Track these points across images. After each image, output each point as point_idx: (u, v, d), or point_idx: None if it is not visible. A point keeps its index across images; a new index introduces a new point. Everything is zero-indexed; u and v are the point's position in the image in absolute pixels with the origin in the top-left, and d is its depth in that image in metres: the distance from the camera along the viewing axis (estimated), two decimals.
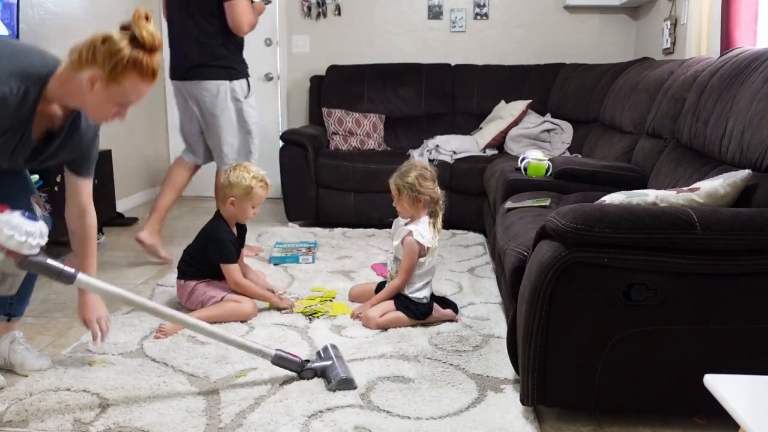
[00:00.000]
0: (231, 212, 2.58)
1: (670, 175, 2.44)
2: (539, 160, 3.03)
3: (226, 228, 2.58)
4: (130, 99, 1.74)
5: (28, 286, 2.11)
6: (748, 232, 1.55)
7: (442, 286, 2.88)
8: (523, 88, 4.51)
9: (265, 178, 2.59)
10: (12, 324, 2.13)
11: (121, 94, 1.71)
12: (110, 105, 1.73)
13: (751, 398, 1.03)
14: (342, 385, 1.93)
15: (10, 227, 1.64)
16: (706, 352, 1.65)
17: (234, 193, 2.53)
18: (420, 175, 2.45)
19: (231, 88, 3.30)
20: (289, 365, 2.00)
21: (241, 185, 2.53)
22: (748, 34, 2.76)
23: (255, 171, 2.57)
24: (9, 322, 2.12)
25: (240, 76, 3.35)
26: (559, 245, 1.61)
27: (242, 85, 3.36)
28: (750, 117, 1.97)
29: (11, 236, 1.63)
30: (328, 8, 4.88)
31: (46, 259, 1.73)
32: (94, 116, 1.82)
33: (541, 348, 1.67)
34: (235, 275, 2.54)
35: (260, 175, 2.57)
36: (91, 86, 1.68)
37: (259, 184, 2.55)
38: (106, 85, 1.67)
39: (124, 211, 4.38)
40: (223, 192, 2.57)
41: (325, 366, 2.01)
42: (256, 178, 2.55)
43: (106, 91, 1.69)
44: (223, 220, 2.59)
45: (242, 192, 2.53)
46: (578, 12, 4.76)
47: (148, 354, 2.20)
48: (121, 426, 1.75)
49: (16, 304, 2.11)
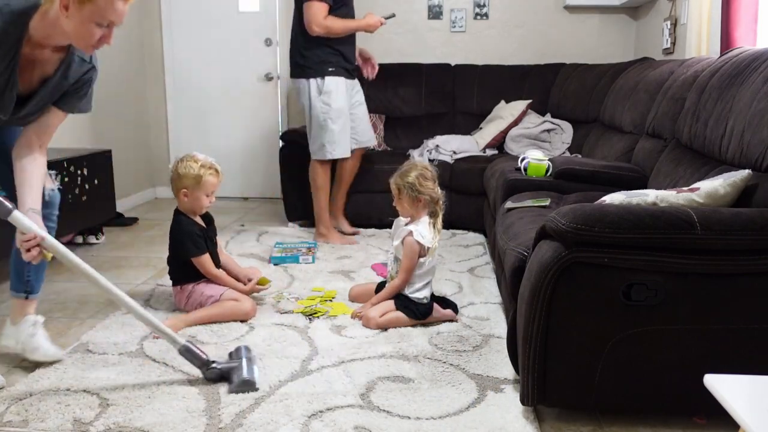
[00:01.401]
0: (186, 204, 2.55)
1: (670, 175, 2.44)
2: (539, 160, 3.03)
3: (188, 221, 2.55)
4: (107, 16, 1.72)
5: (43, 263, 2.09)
6: (748, 232, 1.55)
7: (442, 286, 2.88)
8: (523, 88, 4.51)
9: (215, 165, 2.55)
10: (30, 302, 2.17)
11: (97, 12, 1.70)
12: (90, 26, 1.71)
13: (751, 398, 1.03)
14: (242, 387, 1.91)
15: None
16: (706, 352, 1.65)
17: (184, 184, 2.51)
18: (420, 175, 2.45)
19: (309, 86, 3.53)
20: (194, 360, 1.98)
21: (189, 175, 2.50)
22: (748, 34, 2.76)
23: (203, 159, 2.53)
24: (27, 300, 2.16)
25: (315, 75, 3.52)
26: (559, 245, 1.61)
27: (318, 83, 3.53)
28: (750, 117, 1.97)
29: None
30: None
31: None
32: (78, 43, 1.79)
33: (541, 348, 1.67)
34: (207, 266, 2.53)
35: (208, 163, 2.53)
36: (66, 10, 1.67)
37: (208, 172, 2.52)
38: (78, 5, 1.67)
39: (124, 211, 4.38)
40: (174, 185, 2.55)
41: (230, 367, 1.98)
42: (205, 167, 2.51)
43: (81, 13, 1.68)
44: (183, 214, 2.57)
45: (192, 182, 2.50)
46: (578, 12, 4.76)
47: (148, 354, 2.20)
48: (121, 426, 1.75)
49: (33, 280, 2.15)
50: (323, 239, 3.70)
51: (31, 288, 2.17)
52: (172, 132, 5.11)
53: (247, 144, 5.09)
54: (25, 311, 2.17)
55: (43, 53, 1.81)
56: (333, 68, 3.54)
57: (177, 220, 2.58)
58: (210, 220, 2.69)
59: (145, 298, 2.76)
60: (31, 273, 2.15)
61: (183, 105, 5.08)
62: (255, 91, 5.03)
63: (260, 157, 5.08)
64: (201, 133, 5.07)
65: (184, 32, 4.98)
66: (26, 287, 2.16)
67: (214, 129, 5.07)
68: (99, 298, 2.78)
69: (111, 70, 4.30)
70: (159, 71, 5.03)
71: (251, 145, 5.09)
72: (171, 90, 5.07)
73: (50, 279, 3.04)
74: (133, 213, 4.49)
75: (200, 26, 4.96)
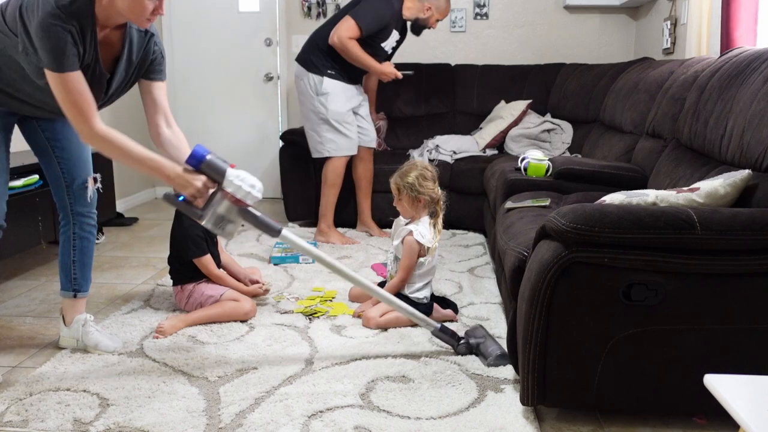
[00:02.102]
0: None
1: (670, 175, 2.44)
2: (539, 160, 3.03)
3: (189, 221, 2.56)
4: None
5: (87, 261, 2.25)
6: (748, 232, 1.55)
7: (442, 286, 2.88)
8: (523, 88, 4.51)
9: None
10: (79, 301, 2.25)
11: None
12: (142, 1, 1.80)
13: (751, 398, 1.03)
14: (500, 360, 2.09)
15: (239, 179, 1.92)
16: (706, 352, 1.65)
17: None
18: (420, 175, 2.45)
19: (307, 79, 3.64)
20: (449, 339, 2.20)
21: None
22: (748, 34, 2.76)
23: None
24: (75, 299, 2.24)
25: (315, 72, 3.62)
26: (559, 245, 1.61)
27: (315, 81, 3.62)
28: (750, 117, 1.97)
29: (239, 187, 1.91)
30: (328, 8, 4.88)
31: (258, 213, 1.99)
32: (135, 19, 1.87)
33: (541, 348, 1.67)
34: (209, 267, 2.54)
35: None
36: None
37: None
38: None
39: (124, 211, 4.38)
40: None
41: (478, 342, 2.18)
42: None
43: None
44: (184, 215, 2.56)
45: None
46: (578, 12, 4.76)
47: (148, 354, 2.20)
48: (121, 426, 1.75)
49: (80, 278, 2.23)
50: (323, 238, 3.71)
51: (78, 286, 2.24)
52: None
53: (247, 144, 5.09)
54: (76, 310, 2.25)
55: (109, 35, 1.91)
56: (333, 72, 3.60)
57: (178, 220, 2.58)
58: None
59: (145, 298, 2.76)
60: (78, 271, 2.23)
61: (183, 105, 5.07)
62: (255, 91, 5.03)
63: (260, 157, 5.08)
64: (201, 133, 5.06)
65: (184, 32, 4.98)
66: (74, 285, 2.24)
67: (214, 129, 5.07)
68: (99, 298, 2.78)
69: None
70: None
71: (251, 145, 5.09)
72: (171, 90, 5.06)
73: (51, 279, 3.04)
74: (133, 213, 4.50)
75: (200, 26, 4.96)
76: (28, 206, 2.94)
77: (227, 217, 1.95)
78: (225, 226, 1.96)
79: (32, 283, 3.01)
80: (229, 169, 1.93)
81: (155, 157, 1.93)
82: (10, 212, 2.14)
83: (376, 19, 3.55)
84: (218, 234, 2.00)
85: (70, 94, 1.80)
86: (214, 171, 1.92)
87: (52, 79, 1.79)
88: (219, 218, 1.94)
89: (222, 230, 1.97)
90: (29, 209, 2.95)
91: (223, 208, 1.94)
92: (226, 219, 1.95)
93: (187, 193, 1.93)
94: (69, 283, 2.23)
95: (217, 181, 1.93)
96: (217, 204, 1.93)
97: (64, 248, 2.23)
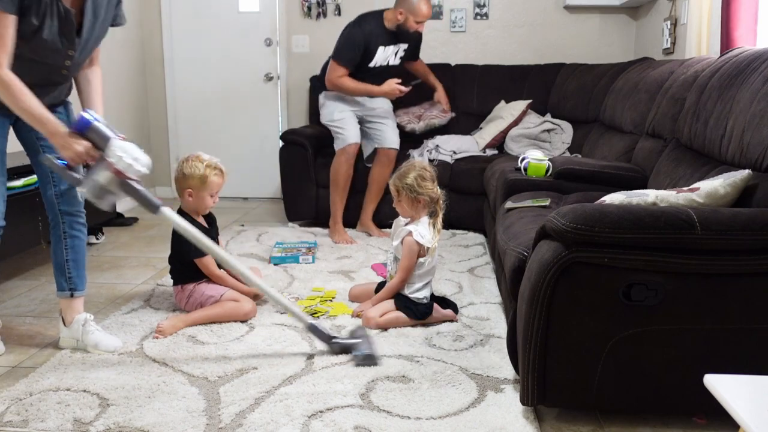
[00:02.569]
0: (190, 204, 2.56)
1: (670, 175, 2.44)
2: (539, 160, 3.03)
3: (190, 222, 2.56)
4: None
5: (81, 259, 2.27)
6: (748, 232, 1.55)
7: (442, 286, 2.88)
8: (523, 88, 4.51)
9: (219, 165, 2.57)
10: (76, 301, 2.26)
11: None
12: None
13: (751, 398, 1.03)
14: (366, 361, 2.09)
15: (122, 150, 1.91)
16: (706, 352, 1.65)
17: (190, 184, 2.51)
18: (419, 175, 2.45)
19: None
20: (321, 336, 2.19)
21: (195, 175, 2.50)
22: (748, 34, 2.76)
23: (208, 160, 2.54)
24: (73, 298, 2.25)
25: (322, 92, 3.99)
26: (559, 245, 1.61)
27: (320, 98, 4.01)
28: (750, 117, 1.97)
29: (121, 158, 1.91)
30: (328, 8, 4.88)
31: (140, 187, 1.99)
32: None
33: (541, 348, 1.67)
34: (210, 266, 2.54)
35: (213, 163, 2.54)
36: None
37: (213, 172, 2.53)
38: None
39: (124, 211, 4.38)
40: (179, 185, 2.56)
41: (352, 344, 2.18)
42: (210, 167, 2.52)
43: None
44: (186, 214, 2.56)
45: (198, 182, 2.51)
46: (578, 12, 4.76)
47: (148, 354, 2.20)
48: (121, 426, 1.75)
49: (75, 277, 2.25)
50: (329, 234, 3.81)
51: (74, 285, 2.25)
52: (172, 132, 5.11)
53: (247, 144, 5.09)
54: (74, 310, 2.25)
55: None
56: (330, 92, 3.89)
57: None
58: (212, 220, 2.69)
59: (145, 298, 2.76)
60: (72, 270, 2.24)
61: (183, 105, 5.07)
62: (255, 91, 5.03)
63: (260, 157, 5.08)
64: (201, 133, 5.07)
65: (184, 32, 4.98)
66: (70, 285, 2.25)
67: (214, 129, 5.07)
68: (99, 298, 2.78)
69: (111, 70, 4.31)
70: (159, 71, 5.03)
71: (251, 145, 5.08)
72: (171, 90, 5.07)
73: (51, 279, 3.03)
74: (133, 213, 4.49)
75: (200, 26, 4.96)
76: (28, 206, 2.93)
77: (107, 187, 1.95)
78: (104, 196, 1.97)
79: (32, 283, 3.01)
80: (114, 139, 1.93)
81: (45, 112, 1.92)
82: (10, 212, 2.15)
83: (351, 48, 3.72)
84: (96, 203, 2.00)
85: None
86: (99, 138, 1.92)
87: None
88: (98, 187, 1.94)
89: (100, 200, 1.97)
90: (29, 209, 2.95)
91: (104, 177, 1.93)
92: (105, 189, 1.95)
93: (66, 155, 1.93)
94: (65, 283, 2.24)
95: (100, 150, 1.93)
96: (97, 173, 1.93)
97: (56, 248, 2.23)
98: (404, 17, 3.68)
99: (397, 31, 3.77)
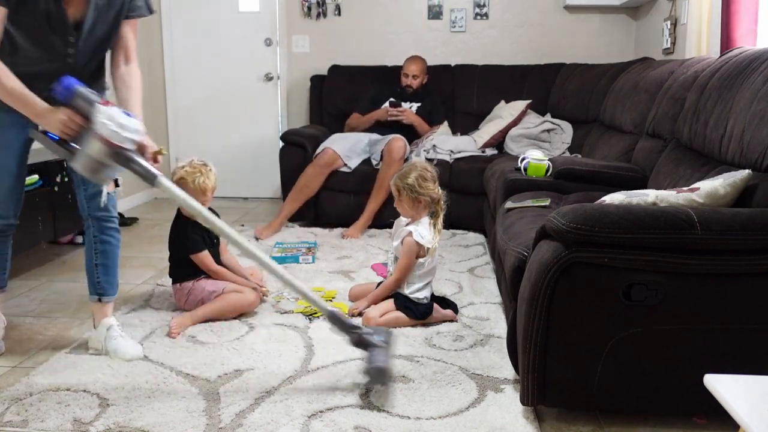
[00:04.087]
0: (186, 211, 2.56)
1: (670, 175, 2.44)
2: (539, 160, 3.03)
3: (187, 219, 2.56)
4: None
5: (111, 264, 2.23)
6: (748, 232, 1.55)
7: (442, 286, 2.88)
8: (523, 88, 4.51)
9: (207, 164, 2.58)
10: (105, 306, 2.24)
11: None
12: None
13: (751, 398, 1.03)
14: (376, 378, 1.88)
15: (107, 117, 1.75)
16: (706, 352, 1.65)
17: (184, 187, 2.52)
18: (420, 176, 2.45)
19: None
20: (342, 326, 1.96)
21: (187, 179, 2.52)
22: (748, 34, 2.76)
23: (195, 162, 2.56)
24: (101, 303, 2.23)
25: None
26: (559, 245, 1.61)
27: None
28: (750, 117, 1.97)
29: (105, 124, 1.74)
30: (328, 8, 4.88)
31: (134, 156, 1.81)
32: None
33: (541, 348, 1.67)
34: (207, 262, 2.54)
35: (198, 166, 2.55)
36: None
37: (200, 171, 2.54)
38: None
39: (124, 211, 4.38)
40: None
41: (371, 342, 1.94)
42: (196, 168, 2.54)
43: None
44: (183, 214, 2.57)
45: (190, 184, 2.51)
46: (578, 12, 4.76)
47: (148, 354, 2.20)
48: (121, 426, 1.75)
49: (104, 282, 2.23)
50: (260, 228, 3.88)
51: (103, 290, 2.24)
52: (172, 132, 5.11)
53: (247, 144, 5.09)
54: (102, 314, 2.24)
55: None
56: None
57: (177, 221, 2.58)
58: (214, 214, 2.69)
59: (145, 298, 2.76)
60: (102, 275, 2.22)
61: (183, 105, 5.07)
62: (255, 91, 5.03)
63: (260, 157, 5.08)
64: (201, 133, 5.07)
65: (184, 32, 4.98)
66: (98, 289, 2.23)
67: (214, 129, 5.07)
68: None
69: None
70: (159, 71, 5.03)
71: (251, 145, 5.08)
72: (171, 89, 5.07)
73: (51, 279, 3.04)
74: (133, 213, 4.50)
75: (200, 26, 4.96)
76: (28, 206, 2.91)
77: (100, 159, 1.79)
78: (99, 170, 1.81)
79: (32, 283, 3.01)
80: (99, 105, 1.77)
81: (26, 92, 1.85)
82: None
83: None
84: (93, 179, 1.87)
85: None
86: (85, 104, 1.78)
87: None
88: (90, 160, 1.79)
89: (96, 174, 1.83)
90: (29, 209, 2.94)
91: (93, 149, 1.77)
92: (98, 162, 1.79)
93: (52, 129, 1.82)
94: (93, 288, 2.23)
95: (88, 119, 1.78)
96: (86, 144, 1.78)
97: (87, 252, 2.24)
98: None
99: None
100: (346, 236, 3.78)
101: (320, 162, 3.94)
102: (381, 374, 1.88)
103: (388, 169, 3.83)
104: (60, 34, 1.96)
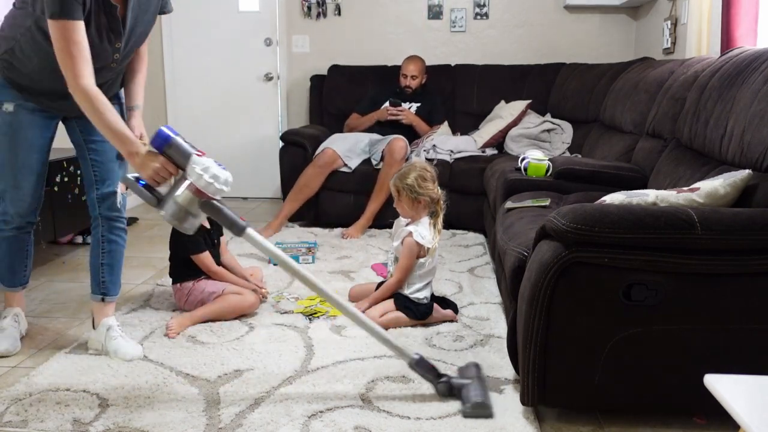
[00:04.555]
0: None
1: (670, 175, 2.44)
2: (539, 160, 3.03)
3: None
4: None
5: (116, 265, 2.25)
6: (748, 232, 1.55)
7: (442, 286, 2.88)
8: (523, 88, 4.51)
9: None
10: (107, 305, 2.25)
11: None
12: None
13: (751, 398, 1.03)
14: (477, 410, 1.79)
15: (201, 168, 1.75)
16: (706, 352, 1.65)
17: None
18: (419, 176, 2.45)
19: None
20: (426, 374, 1.90)
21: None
22: (749, 34, 2.76)
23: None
24: (104, 303, 2.24)
25: None
26: (559, 245, 1.61)
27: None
28: (750, 117, 1.97)
29: (201, 176, 1.74)
30: (328, 8, 4.88)
31: (223, 207, 1.80)
32: None
33: (541, 348, 1.67)
34: (207, 263, 2.55)
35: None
36: None
37: None
38: None
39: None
40: None
41: (462, 384, 1.88)
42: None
43: None
44: None
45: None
46: (578, 12, 4.76)
47: (148, 354, 2.20)
48: (121, 426, 1.75)
49: (108, 282, 2.23)
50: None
51: (106, 290, 2.24)
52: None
53: (247, 144, 5.09)
54: (103, 314, 2.24)
55: None
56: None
57: None
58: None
59: (145, 298, 2.76)
60: (106, 274, 2.23)
61: (183, 105, 5.07)
62: (255, 91, 5.03)
63: (260, 157, 5.08)
64: (201, 133, 5.06)
65: (184, 32, 4.98)
66: (102, 289, 2.23)
67: (214, 129, 5.07)
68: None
69: None
70: (159, 71, 5.03)
71: (251, 145, 5.08)
72: (171, 90, 5.07)
73: (51, 279, 3.04)
74: (133, 213, 4.50)
75: (200, 26, 4.96)
76: None
77: (187, 208, 1.78)
78: (185, 219, 1.79)
79: (32, 283, 2.99)
80: (195, 156, 1.78)
81: (125, 131, 1.88)
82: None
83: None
84: (177, 227, 1.83)
85: (68, 42, 1.81)
86: (179, 155, 1.79)
87: (53, 27, 1.81)
88: (178, 209, 1.77)
89: (182, 223, 1.80)
90: None
91: (183, 198, 1.76)
92: (186, 211, 1.78)
93: (144, 175, 1.83)
94: (97, 287, 2.23)
95: (181, 168, 1.80)
96: (177, 193, 1.77)
97: (93, 250, 2.24)
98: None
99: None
100: (346, 236, 3.78)
101: (320, 162, 3.94)
102: (482, 409, 1.81)
103: (389, 169, 3.83)
104: (112, 42, 1.98)
